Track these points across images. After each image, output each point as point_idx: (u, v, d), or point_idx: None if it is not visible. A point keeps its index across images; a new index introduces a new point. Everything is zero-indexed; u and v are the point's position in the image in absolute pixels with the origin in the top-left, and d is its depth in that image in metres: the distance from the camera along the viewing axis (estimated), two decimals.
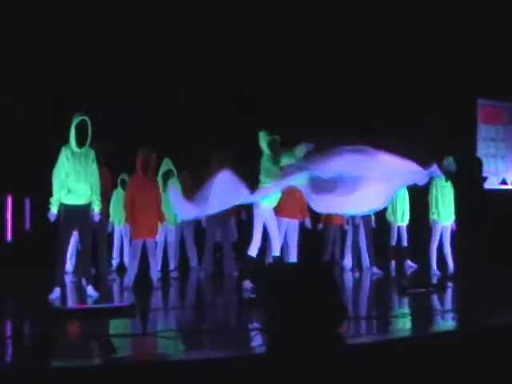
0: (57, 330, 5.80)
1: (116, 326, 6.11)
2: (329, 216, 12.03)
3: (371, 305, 8.04)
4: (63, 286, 7.84)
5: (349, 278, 10.16)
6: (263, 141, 8.66)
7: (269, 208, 8.61)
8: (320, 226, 12.27)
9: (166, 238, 10.07)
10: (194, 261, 10.62)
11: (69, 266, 9.43)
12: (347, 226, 11.47)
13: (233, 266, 9.80)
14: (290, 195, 9.08)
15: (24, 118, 11.10)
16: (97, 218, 7.82)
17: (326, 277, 5.73)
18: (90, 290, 7.66)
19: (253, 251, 8.59)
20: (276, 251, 8.65)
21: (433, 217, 10.49)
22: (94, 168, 7.66)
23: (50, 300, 7.31)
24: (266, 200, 8.42)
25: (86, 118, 7.42)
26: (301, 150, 8.43)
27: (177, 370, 4.35)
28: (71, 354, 4.90)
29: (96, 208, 7.72)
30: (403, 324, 6.10)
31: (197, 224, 10.45)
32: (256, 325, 5.67)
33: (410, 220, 11.72)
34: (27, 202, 11.57)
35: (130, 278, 8.59)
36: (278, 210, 9.06)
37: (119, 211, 10.23)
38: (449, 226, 10.50)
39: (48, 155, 7.91)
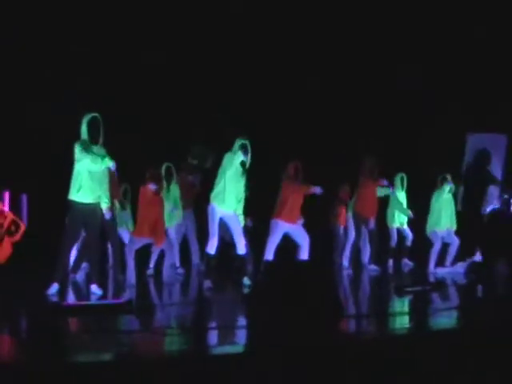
0: (53, 325, 5.79)
1: (113, 321, 6.09)
2: (335, 216, 11.94)
3: (368, 302, 8.03)
4: (62, 283, 7.80)
5: (346, 276, 10.15)
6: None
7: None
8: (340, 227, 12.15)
9: None
10: (196, 257, 10.62)
11: None
12: (348, 225, 11.48)
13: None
14: (295, 201, 8.90)
15: (22, 114, 11.10)
16: (108, 215, 7.75)
17: (322, 274, 5.74)
18: (94, 287, 7.60)
19: (211, 249, 8.44)
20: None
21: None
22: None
23: (48, 295, 7.29)
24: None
25: (97, 115, 7.36)
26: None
27: (175, 366, 4.35)
28: (67, 349, 4.89)
29: (104, 205, 7.62)
30: (401, 322, 6.09)
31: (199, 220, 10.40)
32: (254, 320, 5.67)
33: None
34: (24, 198, 11.57)
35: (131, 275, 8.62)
36: (283, 215, 8.91)
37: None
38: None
39: (46, 151, 7.91)
